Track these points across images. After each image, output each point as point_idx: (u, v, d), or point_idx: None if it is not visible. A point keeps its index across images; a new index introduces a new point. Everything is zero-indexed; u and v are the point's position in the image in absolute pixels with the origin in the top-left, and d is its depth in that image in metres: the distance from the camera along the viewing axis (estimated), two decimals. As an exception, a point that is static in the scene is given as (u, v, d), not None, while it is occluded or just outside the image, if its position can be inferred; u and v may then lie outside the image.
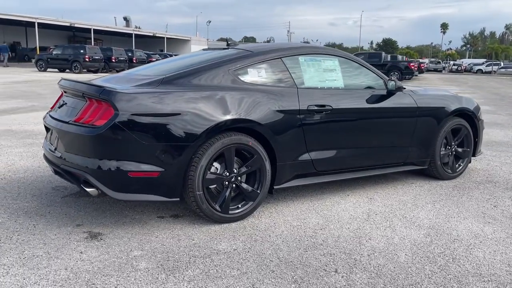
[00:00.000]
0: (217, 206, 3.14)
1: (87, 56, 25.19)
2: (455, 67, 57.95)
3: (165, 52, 45.45)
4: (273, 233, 3.09)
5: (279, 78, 3.55)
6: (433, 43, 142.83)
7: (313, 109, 3.53)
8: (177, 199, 3.05)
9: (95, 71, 25.77)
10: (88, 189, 2.95)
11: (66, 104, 3.32)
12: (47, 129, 3.49)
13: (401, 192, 4.15)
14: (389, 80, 4.13)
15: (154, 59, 28.32)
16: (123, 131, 2.81)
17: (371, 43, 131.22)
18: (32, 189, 3.86)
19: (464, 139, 4.70)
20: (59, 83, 3.48)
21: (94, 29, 41.84)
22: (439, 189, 4.28)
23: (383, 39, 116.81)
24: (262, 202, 3.42)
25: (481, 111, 4.91)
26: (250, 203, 3.31)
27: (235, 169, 3.22)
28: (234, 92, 3.23)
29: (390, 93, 4.09)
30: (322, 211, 3.55)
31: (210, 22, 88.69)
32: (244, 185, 3.27)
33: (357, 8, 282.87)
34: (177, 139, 2.93)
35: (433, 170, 4.52)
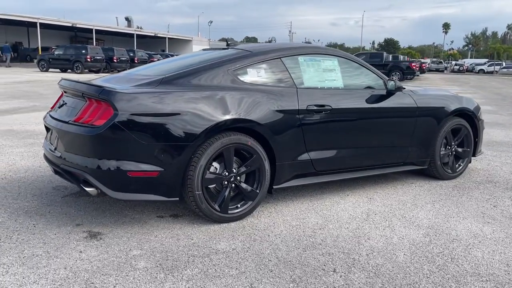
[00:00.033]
0: (216, 205, 3.15)
1: (88, 56, 25.27)
2: (457, 67, 57.84)
3: (167, 52, 45.48)
4: (272, 232, 3.09)
5: (278, 78, 3.56)
6: (435, 43, 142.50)
7: (313, 109, 3.53)
8: (177, 198, 3.06)
9: (97, 71, 25.81)
10: (87, 189, 2.96)
11: (66, 104, 3.34)
12: (47, 129, 3.51)
13: (401, 192, 4.15)
14: (389, 80, 4.13)
15: (155, 59, 28.31)
16: (123, 131, 2.82)
17: (373, 43, 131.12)
18: (32, 189, 3.88)
19: (464, 139, 4.69)
20: (59, 83, 3.49)
21: (95, 29, 41.92)
22: (439, 189, 4.28)
23: (385, 39, 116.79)
24: (261, 202, 3.43)
25: (481, 111, 4.91)
26: (249, 203, 3.31)
27: (234, 169, 3.23)
28: (233, 92, 3.24)
29: (389, 93, 4.09)
30: (321, 211, 3.55)
31: (211, 22, 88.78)
32: (243, 185, 3.28)
33: (358, 8, 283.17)
34: (176, 139, 2.94)
35: (433, 170, 4.51)
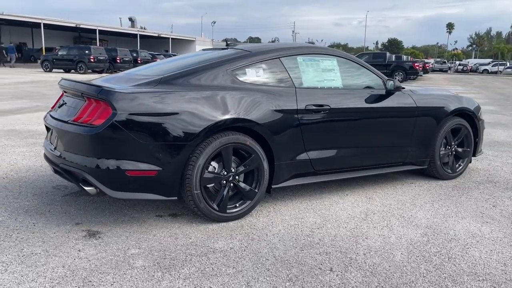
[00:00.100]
0: (214, 205, 3.16)
1: (92, 56, 25.36)
2: (461, 67, 57.69)
3: (170, 52, 45.59)
4: (270, 232, 3.10)
5: (277, 78, 3.57)
6: (439, 43, 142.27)
7: (311, 108, 3.54)
8: (175, 198, 3.08)
9: (100, 72, 25.88)
10: (86, 188, 2.98)
11: (66, 104, 3.36)
12: (48, 128, 3.53)
13: (400, 191, 4.15)
14: (388, 80, 4.13)
15: (158, 60, 28.36)
16: (121, 130, 2.84)
17: (376, 43, 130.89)
18: (33, 188, 3.90)
19: (464, 139, 4.69)
20: (59, 83, 3.52)
21: (99, 30, 42.05)
22: (438, 189, 4.28)
23: (389, 39, 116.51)
24: (260, 201, 3.44)
25: (481, 111, 4.90)
26: (248, 202, 3.32)
27: (233, 168, 3.24)
28: (232, 92, 3.25)
29: (389, 93, 4.09)
30: (320, 211, 3.56)
31: (215, 22, 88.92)
32: (242, 184, 3.29)
33: (362, 8, 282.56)
34: (174, 138, 2.96)
35: (432, 170, 4.51)
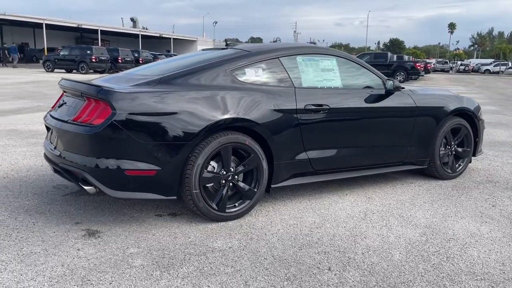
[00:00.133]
0: (214, 204, 3.17)
1: (93, 57, 25.41)
2: (463, 67, 57.58)
3: (172, 52, 45.62)
4: (269, 231, 3.11)
5: (276, 77, 3.57)
6: (440, 43, 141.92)
7: (311, 108, 3.55)
8: (174, 197, 3.08)
9: (102, 72, 25.92)
10: (86, 187, 2.99)
11: (65, 103, 3.38)
12: (48, 128, 3.55)
13: (400, 191, 4.15)
14: (388, 79, 4.14)
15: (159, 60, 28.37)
16: (120, 130, 2.85)
17: (378, 43, 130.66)
18: (33, 188, 3.92)
19: (464, 139, 4.69)
20: (59, 83, 3.53)
21: (101, 30, 42.12)
22: (438, 188, 4.28)
23: (390, 39, 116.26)
24: (259, 200, 3.45)
25: (481, 111, 4.90)
26: (247, 202, 3.33)
27: (232, 167, 3.25)
28: (231, 91, 3.26)
29: (388, 93, 4.09)
30: (319, 210, 3.56)
31: (216, 23, 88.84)
32: (241, 184, 3.30)
33: (363, 8, 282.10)
34: (173, 138, 2.97)
35: (432, 169, 4.51)
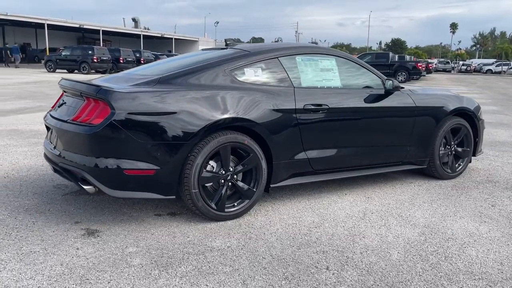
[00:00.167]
0: (213, 204, 3.18)
1: (95, 57, 25.46)
2: (464, 67, 57.46)
3: (173, 52, 45.64)
4: (268, 231, 3.12)
5: (276, 77, 3.58)
6: (442, 43, 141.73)
7: (310, 108, 3.55)
8: (173, 197, 3.09)
9: (103, 72, 25.96)
10: (85, 187, 3.00)
11: (65, 103, 3.39)
12: (48, 128, 3.56)
13: (399, 191, 4.16)
14: (387, 79, 4.14)
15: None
16: (120, 129, 2.86)
17: (380, 43, 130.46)
18: (33, 187, 3.93)
19: (464, 139, 4.68)
20: (59, 83, 3.54)
21: (102, 30, 42.19)
22: (437, 188, 4.28)
23: (392, 39, 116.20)
24: (258, 200, 3.46)
25: (481, 111, 4.90)
26: (246, 201, 3.34)
27: (231, 167, 3.26)
28: (230, 91, 3.26)
29: (388, 93, 4.10)
30: (318, 210, 3.57)
31: (218, 23, 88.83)
32: (240, 184, 3.31)
33: (365, 8, 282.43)
34: (173, 138, 2.97)
35: (432, 169, 4.51)
